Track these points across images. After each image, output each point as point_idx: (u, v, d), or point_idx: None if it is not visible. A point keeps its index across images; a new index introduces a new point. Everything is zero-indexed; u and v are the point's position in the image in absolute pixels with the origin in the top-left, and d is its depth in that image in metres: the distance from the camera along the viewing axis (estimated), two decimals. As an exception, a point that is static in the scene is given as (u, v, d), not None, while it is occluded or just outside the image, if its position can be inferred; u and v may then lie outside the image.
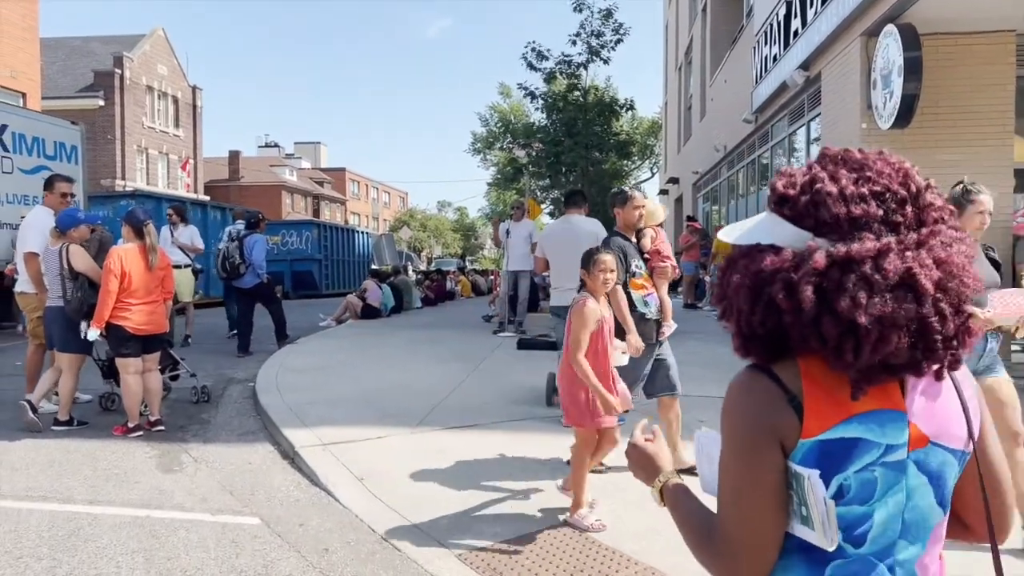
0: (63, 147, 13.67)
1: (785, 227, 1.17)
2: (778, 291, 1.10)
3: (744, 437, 1.14)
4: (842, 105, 9.13)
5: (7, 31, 23.22)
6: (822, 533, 1.11)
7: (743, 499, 1.14)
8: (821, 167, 1.20)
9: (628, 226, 4.87)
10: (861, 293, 1.06)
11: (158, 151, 38.26)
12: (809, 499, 1.10)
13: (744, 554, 1.14)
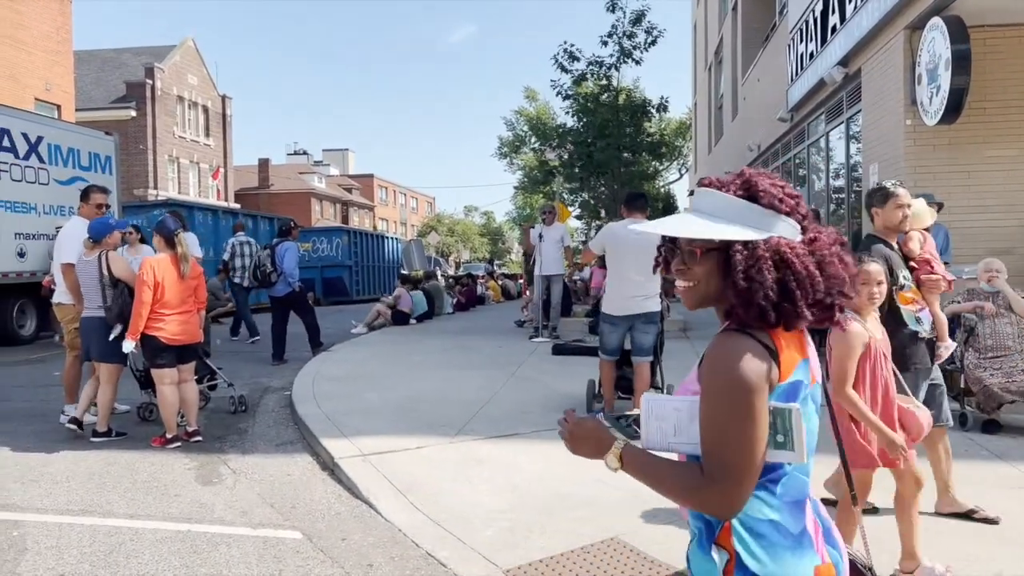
0: (97, 158, 13.82)
1: (784, 221, 1.47)
2: (801, 269, 1.42)
3: (750, 384, 1.37)
4: (884, 101, 8.89)
5: (42, 45, 23.61)
6: (800, 452, 1.40)
7: (746, 433, 1.37)
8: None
9: (889, 229, 3.97)
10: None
11: (189, 160, 38.70)
12: (793, 427, 1.39)
13: (746, 477, 1.38)
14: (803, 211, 1.49)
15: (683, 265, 1.53)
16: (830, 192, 12.57)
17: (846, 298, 1.48)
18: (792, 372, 1.43)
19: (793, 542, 1.44)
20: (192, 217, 18.01)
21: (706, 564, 1.47)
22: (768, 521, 1.44)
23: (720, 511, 1.42)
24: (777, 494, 1.44)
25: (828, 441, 1.97)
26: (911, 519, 3.31)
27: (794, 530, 1.45)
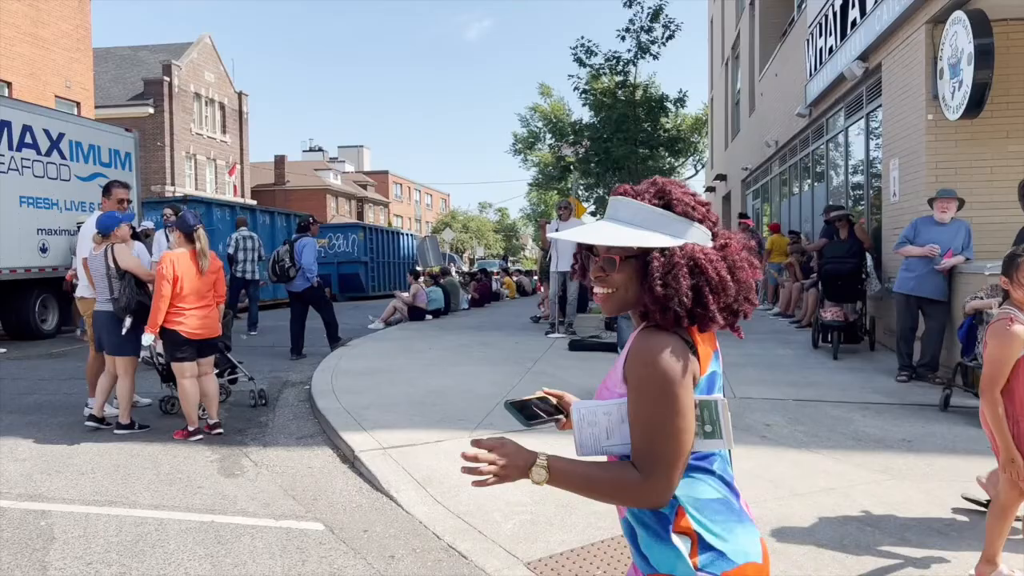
0: (117, 154, 13.94)
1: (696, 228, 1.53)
2: (715, 274, 1.48)
3: (678, 379, 1.43)
4: (905, 96, 8.81)
5: (62, 43, 23.81)
6: (728, 439, 1.48)
7: (676, 425, 1.43)
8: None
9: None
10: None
11: (206, 157, 38.94)
12: (720, 417, 1.47)
13: (677, 468, 1.45)
14: (713, 218, 1.56)
15: (601, 272, 1.56)
16: (848, 188, 12.48)
17: (750, 304, 1.55)
18: (709, 365, 1.52)
19: (738, 517, 1.53)
20: (209, 213, 18.14)
21: (668, 552, 1.49)
22: (717, 500, 1.51)
23: (653, 502, 1.46)
24: (716, 475, 1.53)
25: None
26: (1004, 525, 3.17)
27: (736, 507, 1.54)
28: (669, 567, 1.49)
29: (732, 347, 9.88)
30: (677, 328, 1.48)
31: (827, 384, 7.38)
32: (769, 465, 4.80)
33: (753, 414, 6.18)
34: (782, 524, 3.83)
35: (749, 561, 1.50)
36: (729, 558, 1.48)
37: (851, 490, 4.32)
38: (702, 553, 1.48)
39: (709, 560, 1.47)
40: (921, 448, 5.18)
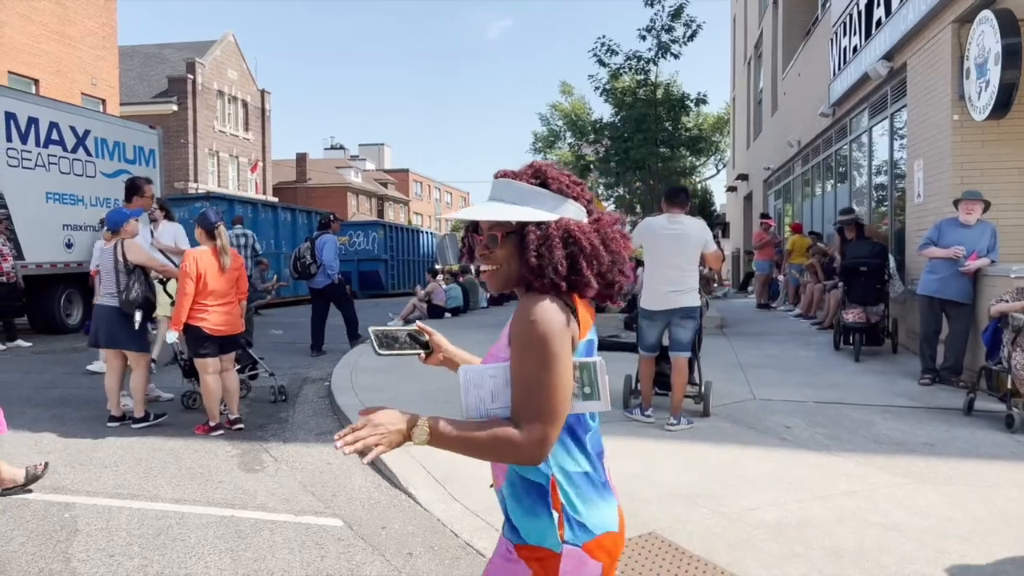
0: (142, 151, 14.10)
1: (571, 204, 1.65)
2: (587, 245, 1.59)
3: (555, 335, 1.51)
4: (931, 96, 8.71)
5: (88, 41, 24.10)
6: (606, 400, 1.59)
7: (554, 382, 1.50)
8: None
9: None
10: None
11: (228, 154, 39.25)
12: (598, 379, 1.56)
13: (554, 423, 1.52)
14: (587, 196, 1.69)
15: (486, 250, 1.66)
16: (872, 189, 12.36)
17: (624, 276, 1.68)
18: (587, 332, 1.62)
19: (600, 490, 1.64)
20: (232, 210, 18.29)
21: (538, 524, 1.59)
22: (582, 473, 1.62)
23: (533, 458, 1.52)
24: (588, 448, 1.63)
25: None
26: None
27: (600, 480, 1.65)
28: (538, 538, 1.59)
29: (752, 348, 9.83)
30: (558, 293, 1.57)
31: (848, 386, 7.31)
32: (789, 467, 4.77)
33: (773, 416, 6.14)
34: (802, 527, 3.80)
35: (606, 531, 1.62)
36: (589, 529, 1.59)
37: (872, 493, 4.28)
38: (567, 526, 1.58)
39: (573, 534, 1.57)
40: (944, 452, 5.12)
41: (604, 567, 1.62)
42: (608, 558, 1.63)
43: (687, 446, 5.28)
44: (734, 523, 3.86)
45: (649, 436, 5.56)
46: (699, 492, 4.33)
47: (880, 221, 11.88)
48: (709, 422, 5.95)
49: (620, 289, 1.68)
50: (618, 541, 1.66)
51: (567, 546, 1.57)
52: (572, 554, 1.57)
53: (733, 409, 6.39)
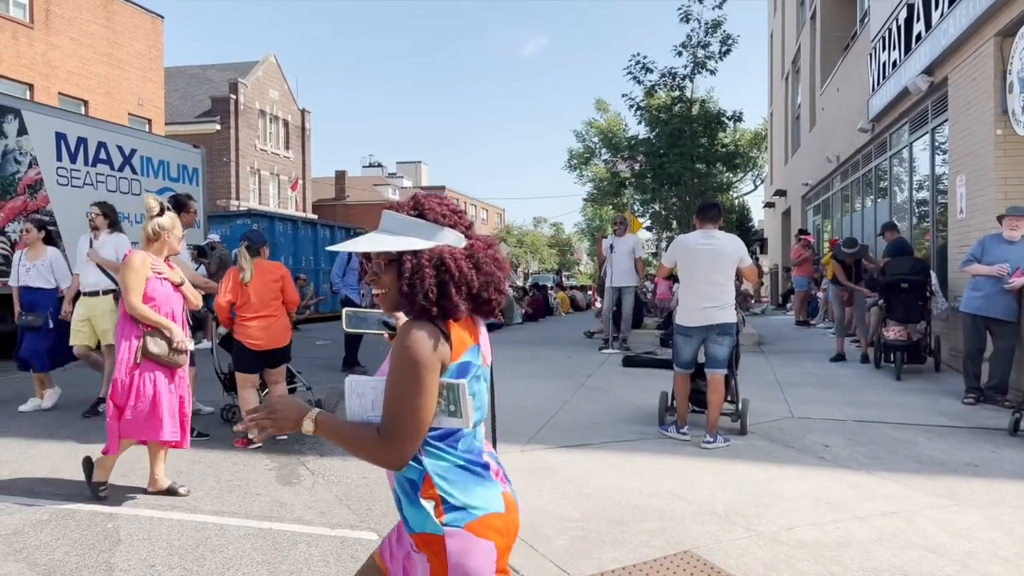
0: (185, 169, 14.43)
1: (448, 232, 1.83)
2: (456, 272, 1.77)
3: (424, 363, 1.70)
4: (973, 111, 8.57)
5: (135, 63, 24.80)
6: (467, 419, 1.76)
7: (415, 402, 1.70)
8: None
9: None
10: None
11: (269, 172, 39.95)
12: (461, 399, 1.74)
13: (413, 438, 1.73)
14: (465, 223, 1.86)
15: (375, 276, 1.85)
16: (913, 205, 12.16)
17: (500, 294, 1.84)
18: (463, 354, 1.79)
19: (480, 479, 1.83)
20: (272, 227, 18.62)
21: (420, 513, 1.78)
22: (458, 467, 1.81)
23: (390, 464, 1.76)
24: (459, 450, 1.82)
25: None
26: None
27: (480, 472, 1.84)
28: (421, 526, 1.78)
29: (790, 365, 9.71)
30: (433, 319, 1.75)
31: (889, 405, 7.18)
32: (827, 487, 4.70)
33: (811, 434, 6.05)
34: (841, 547, 3.74)
35: (490, 512, 1.80)
36: (470, 512, 1.77)
37: (913, 514, 4.20)
38: (447, 512, 1.76)
39: (452, 517, 1.76)
40: (988, 473, 5.01)
41: (496, 545, 1.80)
42: (499, 536, 1.81)
43: (723, 464, 5.23)
44: (771, 543, 3.82)
45: (685, 454, 5.52)
46: (735, 511, 4.28)
47: (922, 237, 11.68)
48: (746, 440, 5.89)
49: (497, 306, 1.86)
50: (508, 521, 1.84)
51: (448, 528, 1.76)
52: (455, 534, 1.76)
53: (771, 427, 6.32)
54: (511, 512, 1.86)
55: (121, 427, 4.51)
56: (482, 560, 1.78)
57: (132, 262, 4.60)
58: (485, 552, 1.78)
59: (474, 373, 1.82)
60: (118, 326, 4.77)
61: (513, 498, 1.90)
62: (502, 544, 1.82)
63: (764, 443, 5.82)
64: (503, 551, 1.83)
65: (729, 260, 5.76)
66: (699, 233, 5.88)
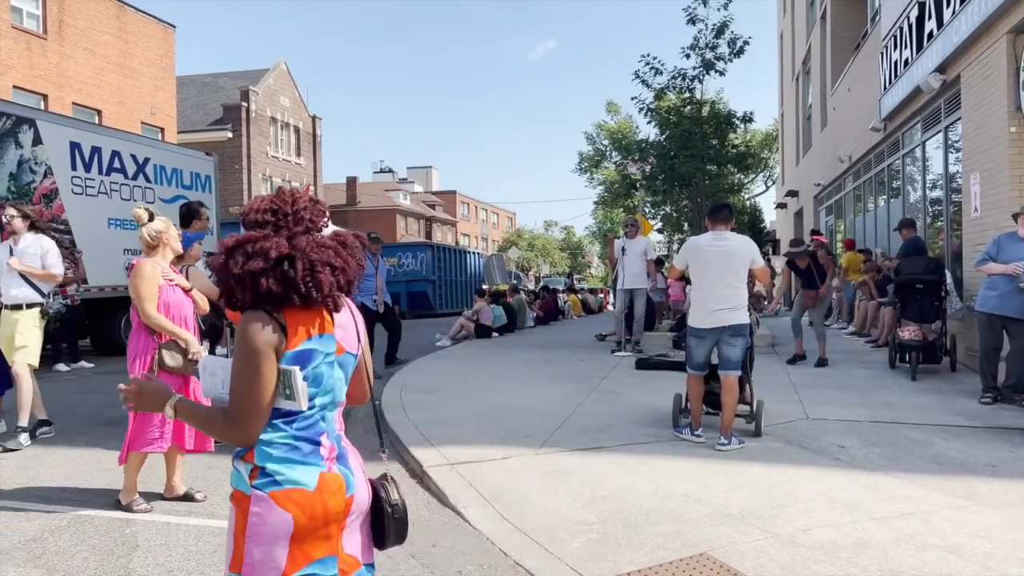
0: (198, 177, 14.52)
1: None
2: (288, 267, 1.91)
3: (257, 349, 1.87)
4: (986, 108, 8.52)
5: (148, 72, 24.98)
6: (301, 402, 1.92)
7: (252, 385, 1.87)
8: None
9: None
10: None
11: (281, 179, 40.14)
12: (295, 383, 1.90)
13: (254, 419, 1.90)
14: (293, 221, 1.99)
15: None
16: (927, 203, 12.09)
17: (316, 283, 1.92)
18: (302, 343, 1.93)
19: (304, 456, 1.96)
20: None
21: (238, 473, 1.97)
22: (284, 443, 1.95)
23: (238, 442, 1.95)
24: (293, 428, 1.96)
25: None
26: None
27: (306, 450, 1.97)
28: (237, 483, 1.97)
29: (804, 366, 9.67)
30: (270, 310, 1.92)
31: (905, 405, 7.14)
32: (844, 488, 4.67)
33: (827, 435, 6.02)
34: (858, 549, 3.72)
35: (297, 487, 1.93)
36: (279, 483, 1.92)
37: (931, 515, 4.17)
38: (260, 477, 1.93)
39: (261, 482, 1.92)
40: (1007, 473, 4.96)
41: (295, 519, 1.92)
42: (300, 511, 1.92)
43: (739, 466, 5.21)
44: (787, 544, 3.80)
45: (699, 456, 5.50)
46: (751, 513, 4.26)
47: (936, 236, 11.61)
48: (761, 442, 5.87)
49: (319, 290, 1.95)
50: (314, 500, 1.94)
51: (255, 491, 1.92)
52: (259, 498, 1.92)
53: (786, 429, 6.29)
54: (323, 493, 1.95)
55: (138, 441, 4.54)
56: (277, 528, 1.90)
57: (143, 270, 4.62)
58: (282, 521, 1.90)
59: (323, 360, 1.97)
60: (132, 337, 4.81)
61: (341, 481, 1.99)
62: (303, 519, 1.92)
63: (779, 444, 5.79)
64: (305, 527, 1.92)
65: (741, 262, 5.75)
66: (711, 235, 5.87)
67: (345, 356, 2.04)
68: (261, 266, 1.89)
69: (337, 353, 2.01)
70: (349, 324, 2.08)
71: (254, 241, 1.93)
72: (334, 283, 1.97)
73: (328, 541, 1.98)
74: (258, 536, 1.90)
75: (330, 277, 1.95)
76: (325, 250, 1.97)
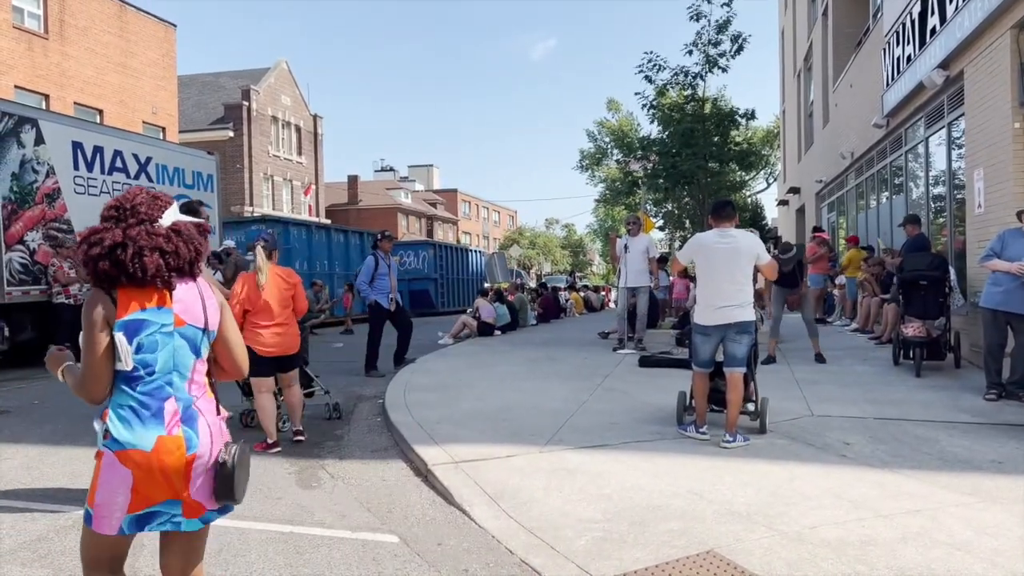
0: (200, 176, 14.52)
1: None
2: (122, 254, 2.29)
3: (92, 322, 2.28)
4: (990, 104, 8.49)
5: (149, 72, 24.97)
6: (127, 361, 2.31)
7: (91, 352, 2.28)
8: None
9: None
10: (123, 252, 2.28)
11: (283, 178, 40.16)
12: (119, 348, 2.29)
13: (93, 380, 2.32)
14: (127, 216, 2.35)
15: None
16: (929, 200, 12.07)
17: (143, 262, 2.27)
18: (131, 314, 2.30)
19: (144, 419, 2.34)
20: (287, 232, 18.70)
21: (97, 432, 2.37)
22: (128, 406, 2.34)
23: (88, 401, 2.35)
24: (136, 391, 2.34)
25: None
26: None
27: (149, 412, 2.34)
28: (96, 441, 2.38)
29: (808, 363, 9.67)
30: (107, 288, 2.31)
31: (910, 402, 7.12)
32: (850, 485, 4.66)
33: (832, 432, 6.01)
34: (865, 546, 3.71)
35: (135, 448, 2.31)
36: (120, 443, 2.31)
37: (938, 512, 4.16)
38: (110, 436, 2.32)
39: (109, 442, 2.32)
40: (1014, 470, 4.95)
41: (133, 473, 2.31)
42: (137, 469, 2.31)
43: (744, 463, 5.20)
44: (794, 542, 3.79)
45: (705, 453, 5.49)
46: (757, 510, 4.25)
47: (939, 233, 11.59)
48: (766, 439, 5.85)
49: (144, 272, 2.28)
50: (150, 459, 2.31)
51: (104, 448, 2.33)
52: (106, 455, 2.32)
53: (790, 426, 6.28)
54: (159, 453, 2.32)
55: None
56: (118, 482, 2.31)
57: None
58: (122, 476, 2.31)
59: (158, 330, 2.34)
60: None
61: (180, 443, 2.35)
62: (139, 474, 2.31)
63: (784, 441, 5.78)
64: (142, 480, 2.31)
65: (747, 258, 5.74)
66: (715, 232, 5.86)
67: (186, 328, 2.40)
68: (98, 252, 2.28)
69: (176, 325, 2.38)
70: (194, 301, 2.44)
71: (97, 232, 2.33)
72: (162, 264, 2.31)
73: (171, 487, 2.36)
74: (106, 484, 2.32)
75: (158, 260, 2.30)
76: (156, 238, 2.32)
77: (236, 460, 2.50)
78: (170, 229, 2.36)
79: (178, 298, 2.39)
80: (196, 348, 2.43)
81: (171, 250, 2.33)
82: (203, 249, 2.46)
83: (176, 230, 2.37)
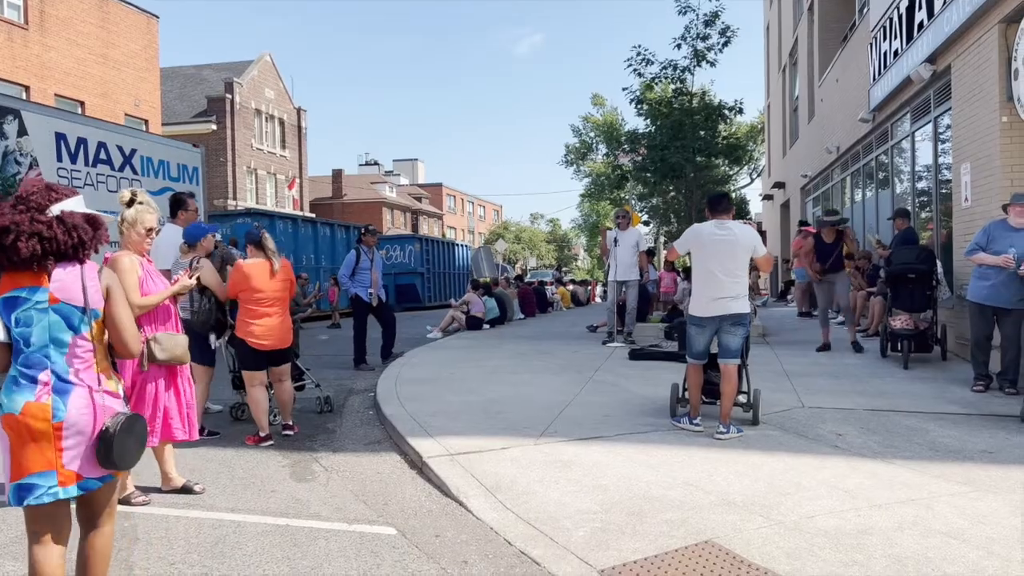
0: (185, 169, 14.37)
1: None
2: None
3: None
4: (977, 98, 8.56)
5: (131, 63, 24.68)
6: (1, 334, 2.60)
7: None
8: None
9: None
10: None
11: (266, 171, 39.86)
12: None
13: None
14: (25, 203, 2.60)
15: None
16: (915, 194, 12.16)
17: (15, 247, 2.51)
18: (7, 292, 2.57)
19: (18, 387, 2.60)
20: (273, 226, 18.58)
21: None
22: (12, 376, 2.61)
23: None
24: (18, 363, 2.61)
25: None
26: None
27: (24, 382, 2.60)
28: None
29: (797, 356, 9.73)
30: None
31: (899, 394, 7.18)
32: (844, 475, 4.69)
33: (824, 424, 6.05)
34: (862, 535, 3.73)
35: (9, 412, 2.58)
36: (2, 407, 2.59)
37: (933, 501, 4.19)
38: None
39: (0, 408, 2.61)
40: (1004, 460, 5.00)
41: (8, 436, 2.59)
42: (10, 430, 2.58)
43: (738, 455, 5.22)
44: (791, 531, 3.81)
45: (699, 445, 5.51)
46: (754, 501, 4.27)
47: (924, 226, 11.68)
48: (758, 430, 5.88)
49: (18, 255, 2.52)
50: (18, 422, 2.57)
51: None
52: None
53: (782, 417, 6.31)
54: (26, 417, 2.56)
55: None
56: (3, 448, 2.62)
57: (121, 264, 4.53)
58: (3, 436, 2.61)
59: (32, 306, 2.58)
60: None
61: (47, 409, 2.57)
62: (12, 436, 2.58)
63: (777, 433, 5.81)
64: (15, 442, 2.58)
65: (743, 250, 5.75)
66: (713, 223, 5.86)
67: (61, 306, 2.62)
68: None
69: (50, 302, 2.60)
70: (73, 283, 2.65)
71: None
72: (37, 249, 2.53)
73: (43, 457, 2.57)
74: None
75: (35, 245, 2.52)
76: (38, 224, 2.54)
77: (119, 427, 2.65)
78: (55, 218, 2.58)
79: (57, 278, 2.62)
80: (73, 325, 2.65)
81: (49, 236, 2.55)
82: (88, 238, 2.67)
83: (60, 219, 2.59)
